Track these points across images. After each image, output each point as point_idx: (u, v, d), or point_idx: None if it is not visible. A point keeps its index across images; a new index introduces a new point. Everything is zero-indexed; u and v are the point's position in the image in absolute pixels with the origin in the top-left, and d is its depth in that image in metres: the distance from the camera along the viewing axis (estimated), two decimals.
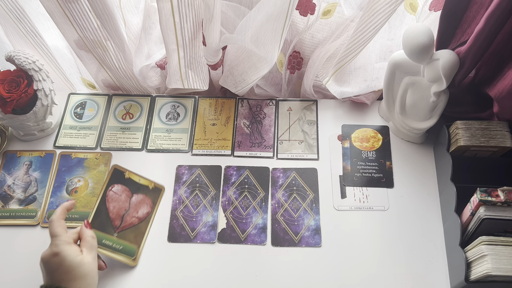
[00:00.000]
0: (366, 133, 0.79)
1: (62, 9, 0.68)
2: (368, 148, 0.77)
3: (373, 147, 0.77)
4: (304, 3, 0.73)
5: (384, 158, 0.76)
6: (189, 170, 0.77)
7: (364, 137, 0.79)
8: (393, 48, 0.81)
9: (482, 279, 0.57)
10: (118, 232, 0.68)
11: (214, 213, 0.73)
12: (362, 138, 0.78)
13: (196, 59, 0.78)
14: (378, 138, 0.78)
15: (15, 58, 0.72)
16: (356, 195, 0.74)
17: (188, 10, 0.67)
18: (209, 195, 0.74)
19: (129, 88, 0.87)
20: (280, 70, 0.86)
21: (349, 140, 0.79)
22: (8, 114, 0.74)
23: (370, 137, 0.79)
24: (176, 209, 0.73)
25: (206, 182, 0.76)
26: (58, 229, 0.60)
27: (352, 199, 0.73)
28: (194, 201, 0.74)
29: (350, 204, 0.73)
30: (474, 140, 0.66)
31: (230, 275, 0.67)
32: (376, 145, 0.78)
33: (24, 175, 0.77)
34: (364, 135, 0.79)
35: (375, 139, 0.78)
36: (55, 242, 0.59)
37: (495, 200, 0.57)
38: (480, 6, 0.59)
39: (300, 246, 0.69)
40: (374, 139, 0.78)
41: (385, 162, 0.76)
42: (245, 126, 0.82)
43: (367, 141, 0.78)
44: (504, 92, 0.60)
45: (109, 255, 0.66)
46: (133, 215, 0.70)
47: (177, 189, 0.75)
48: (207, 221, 0.72)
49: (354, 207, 0.72)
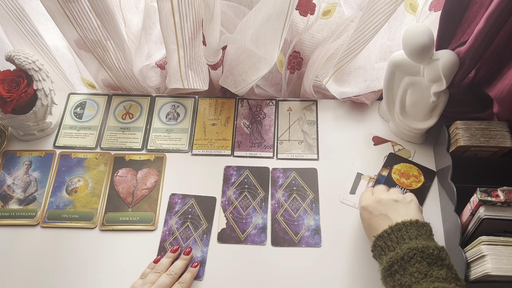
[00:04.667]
0: (410, 170, 0.75)
1: (62, 8, 0.68)
2: (404, 185, 0.73)
3: (410, 186, 0.73)
4: (304, 3, 0.73)
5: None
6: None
7: (406, 173, 0.74)
8: (393, 48, 0.81)
9: (481, 279, 0.57)
10: (132, 206, 0.73)
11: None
12: (403, 173, 0.74)
13: (196, 59, 0.78)
14: (420, 179, 0.74)
15: (15, 58, 0.72)
16: None
17: (188, 10, 0.67)
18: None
19: (129, 88, 0.87)
20: (280, 70, 0.86)
21: (389, 169, 0.75)
22: (8, 114, 0.74)
23: (412, 175, 0.74)
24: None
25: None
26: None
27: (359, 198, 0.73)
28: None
29: (355, 202, 0.73)
30: (474, 140, 0.66)
31: (230, 275, 0.67)
32: (415, 185, 0.73)
33: (24, 175, 0.77)
34: (407, 170, 0.75)
35: (415, 179, 0.74)
36: None
37: (495, 200, 0.57)
38: (480, 6, 0.59)
39: (300, 246, 0.69)
40: (415, 179, 0.74)
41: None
42: (245, 126, 0.82)
43: (407, 177, 0.74)
44: (504, 92, 0.60)
45: (129, 228, 0.71)
46: (143, 188, 0.75)
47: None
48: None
49: (357, 205, 0.72)
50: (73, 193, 0.75)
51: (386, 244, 0.57)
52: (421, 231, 0.57)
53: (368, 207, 0.63)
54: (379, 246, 0.58)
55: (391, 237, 0.57)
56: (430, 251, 0.54)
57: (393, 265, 0.55)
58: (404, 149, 0.77)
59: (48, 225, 0.72)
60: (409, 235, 0.56)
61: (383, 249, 0.57)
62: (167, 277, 0.63)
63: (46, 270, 0.68)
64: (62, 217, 0.73)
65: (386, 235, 0.58)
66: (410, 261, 0.54)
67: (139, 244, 0.70)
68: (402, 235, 0.56)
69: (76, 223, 0.72)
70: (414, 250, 0.54)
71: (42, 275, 0.68)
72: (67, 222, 0.72)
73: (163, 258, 0.67)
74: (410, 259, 0.54)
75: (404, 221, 0.58)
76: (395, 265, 0.54)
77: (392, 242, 0.57)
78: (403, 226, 0.57)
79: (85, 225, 0.72)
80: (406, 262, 0.54)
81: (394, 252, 0.55)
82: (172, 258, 0.67)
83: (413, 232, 0.56)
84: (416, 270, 0.53)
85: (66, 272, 0.68)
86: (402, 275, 0.53)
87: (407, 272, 0.53)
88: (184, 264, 0.66)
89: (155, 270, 0.65)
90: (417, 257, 0.53)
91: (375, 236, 0.59)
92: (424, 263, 0.53)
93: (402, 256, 0.54)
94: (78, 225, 0.72)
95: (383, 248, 0.57)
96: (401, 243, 0.56)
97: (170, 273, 0.64)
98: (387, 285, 0.56)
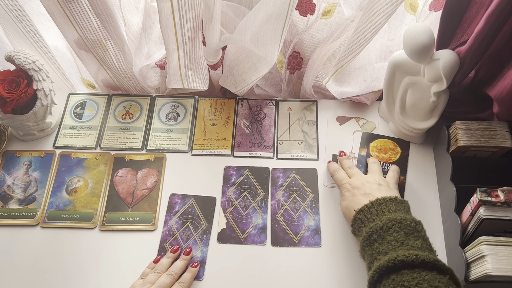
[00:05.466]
0: (385, 144, 0.78)
1: (62, 8, 0.68)
2: (384, 159, 0.76)
3: (390, 159, 0.76)
4: (304, 3, 0.73)
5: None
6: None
7: (383, 148, 0.77)
8: (393, 48, 0.81)
9: (481, 279, 0.57)
10: (132, 207, 0.73)
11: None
12: (380, 149, 0.77)
13: (196, 59, 0.78)
14: (397, 151, 0.77)
15: (15, 58, 0.72)
16: None
17: (188, 10, 0.67)
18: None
19: (129, 88, 0.87)
20: (280, 70, 0.86)
21: (366, 148, 0.77)
22: (8, 114, 0.74)
23: (389, 148, 0.77)
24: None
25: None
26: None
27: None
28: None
29: None
30: (474, 140, 0.66)
31: (230, 275, 0.67)
32: (394, 158, 0.76)
33: (23, 175, 0.77)
34: (383, 146, 0.77)
35: (393, 152, 0.76)
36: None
37: (495, 200, 0.57)
38: (480, 6, 0.59)
39: (300, 246, 0.69)
40: (392, 152, 0.76)
41: (399, 177, 0.73)
42: (245, 126, 0.82)
43: (385, 152, 0.76)
44: (504, 92, 0.60)
45: (129, 229, 0.71)
46: (143, 188, 0.75)
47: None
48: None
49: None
50: (73, 193, 0.75)
51: (366, 217, 0.60)
52: (399, 206, 0.60)
53: (354, 189, 0.65)
54: (359, 219, 0.61)
55: (371, 211, 0.60)
56: (407, 223, 0.57)
57: (372, 235, 0.58)
58: (368, 122, 0.81)
59: (48, 225, 0.72)
60: (388, 209, 0.60)
61: (363, 221, 0.60)
62: (167, 277, 0.63)
63: (46, 270, 0.68)
64: (62, 217, 0.73)
65: (367, 208, 0.61)
66: (389, 230, 0.57)
67: (139, 244, 0.70)
68: (382, 208, 0.60)
69: (76, 223, 0.72)
70: (393, 221, 0.57)
71: (42, 275, 0.68)
72: (67, 222, 0.72)
73: (163, 258, 0.67)
74: (389, 229, 0.57)
75: (384, 197, 0.61)
76: (374, 235, 0.58)
77: (372, 215, 0.60)
78: (383, 201, 0.61)
79: (85, 225, 0.72)
80: (385, 232, 0.57)
81: (374, 223, 0.58)
82: (172, 258, 0.67)
83: (392, 207, 0.60)
84: (394, 239, 0.56)
85: (66, 272, 0.68)
86: (380, 244, 0.57)
87: (385, 241, 0.56)
88: (184, 264, 0.66)
89: (155, 270, 0.65)
90: (395, 227, 0.57)
91: (356, 210, 0.62)
92: (402, 233, 0.56)
93: (381, 226, 0.57)
94: (78, 225, 0.72)
95: (362, 220, 0.60)
96: (380, 215, 0.59)
97: (170, 273, 0.64)
98: (366, 254, 0.59)
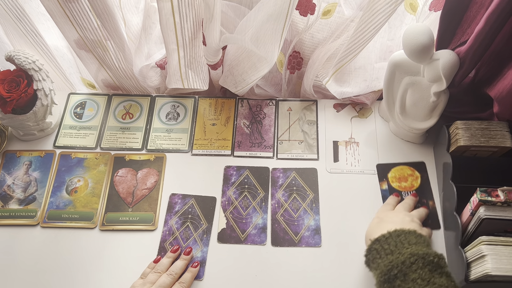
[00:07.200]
0: (402, 172, 0.75)
1: (62, 8, 0.68)
2: (407, 188, 0.73)
3: (413, 186, 0.73)
4: (304, 3, 0.73)
5: (426, 198, 0.73)
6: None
7: (402, 176, 0.74)
8: (393, 48, 0.81)
9: (481, 279, 0.57)
10: (132, 206, 0.73)
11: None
12: (400, 178, 0.74)
13: (196, 59, 0.78)
14: (416, 176, 0.74)
15: (15, 58, 0.72)
16: None
17: (188, 10, 0.67)
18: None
19: (129, 88, 0.87)
20: (280, 70, 0.86)
21: (386, 181, 0.75)
22: (8, 114, 0.74)
23: (408, 175, 0.75)
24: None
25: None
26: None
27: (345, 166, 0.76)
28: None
29: (342, 168, 0.75)
30: (474, 140, 0.66)
31: (230, 275, 0.67)
32: (415, 183, 0.74)
33: (24, 175, 0.77)
34: (401, 174, 0.75)
35: (413, 177, 0.74)
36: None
37: (495, 200, 0.57)
38: (480, 6, 0.59)
39: (300, 246, 0.69)
40: (412, 178, 0.74)
41: (428, 202, 0.72)
42: (245, 126, 0.82)
43: (405, 180, 0.74)
44: (504, 92, 0.60)
45: (129, 228, 0.71)
46: (143, 188, 0.75)
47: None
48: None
49: (345, 170, 0.76)
50: (73, 193, 0.75)
51: (383, 247, 0.56)
52: (419, 240, 0.57)
53: (381, 216, 0.64)
54: (375, 250, 0.57)
55: (389, 241, 0.57)
56: (430, 258, 0.53)
57: (393, 269, 0.53)
58: (364, 108, 0.82)
59: (48, 225, 0.72)
60: (408, 240, 0.56)
61: (379, 252, 0.56)
62: (167, 277, 0.63)
63: (46, 270, 0.68)
64: (62, 217, 0.73)
65: (384, 238, 0.57)
66: (411, 266, 0.52)
67: (139, 244, 0.70)
68: (401, 240, 0.56)
69: (76, 223, 0.72)
70: (416, 256, 0.53)
71: (42, 275, 0.68)
72: (67, 222, 0.72)
73: (163, 258, 0.67)
74: (412, 264, 0.52)
75: (402, 229, 0.58)
76: (394, 269, 0.53)
77: (390, 245, 0.56)
78: (401, 233, 0.57)
79: (85, 225, 0.72)
80: (407, 268, 0.52)
81: (394, 256, 0.54)
82: (172, 258, 0.67)
83: (412, 239, 0.56)
84: (419, 277, 0.51)
85: (66, 272, 0.68)
86: (403, 281, 0.52)
87: (409, 278, 0.52)
88: (184, 264, 0.66)
89: (155, 270, 0.65)
90: (419, 263, 0.52)
91: (372, 239, 0.59)
92: (426, 270, 0.52)
93: (403, 261, 0.53)
94: (78, 225, 0.72)
95: (378, 251, 0.57)
96: (400, 248, 0.55)
97: (170, 273, 0.64)
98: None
